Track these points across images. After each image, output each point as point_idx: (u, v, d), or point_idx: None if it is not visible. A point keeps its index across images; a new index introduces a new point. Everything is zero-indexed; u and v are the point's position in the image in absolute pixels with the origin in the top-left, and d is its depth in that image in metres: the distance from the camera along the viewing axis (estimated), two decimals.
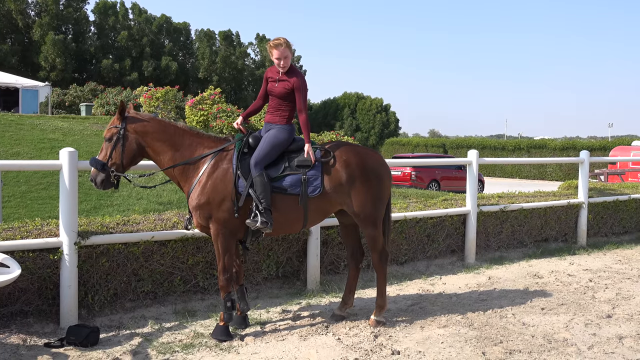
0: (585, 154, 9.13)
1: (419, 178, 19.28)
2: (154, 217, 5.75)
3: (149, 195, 10.73)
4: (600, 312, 5.49)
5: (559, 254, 8.30)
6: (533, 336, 4.78)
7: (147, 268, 5.27)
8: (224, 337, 4.58)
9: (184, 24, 59.06)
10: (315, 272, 6.16)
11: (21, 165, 5.09)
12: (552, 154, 34.79)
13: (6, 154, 12.94)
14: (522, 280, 6.71)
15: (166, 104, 19.94)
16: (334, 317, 5.15)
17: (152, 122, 4.65)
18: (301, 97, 4.74)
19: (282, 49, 4.68)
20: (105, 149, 4.58)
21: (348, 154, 4.84)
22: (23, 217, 7.74)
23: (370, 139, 55.74)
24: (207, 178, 4.57)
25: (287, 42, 4.73)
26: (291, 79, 4.75)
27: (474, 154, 7.64)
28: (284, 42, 4.71)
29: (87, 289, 5.00)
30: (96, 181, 4.53)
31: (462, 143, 40.84)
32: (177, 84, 37.37)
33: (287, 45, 4.71)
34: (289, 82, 4.75)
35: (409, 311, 5.45)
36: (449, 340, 4.66)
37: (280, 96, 4.78)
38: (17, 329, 4.61)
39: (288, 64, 4.77)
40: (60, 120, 18.72)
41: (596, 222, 9.37)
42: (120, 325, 4.87)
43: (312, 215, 4.78)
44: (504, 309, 5.54)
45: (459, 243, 7.69)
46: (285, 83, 4.76)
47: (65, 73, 48.75)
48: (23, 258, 4.61)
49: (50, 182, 11.21)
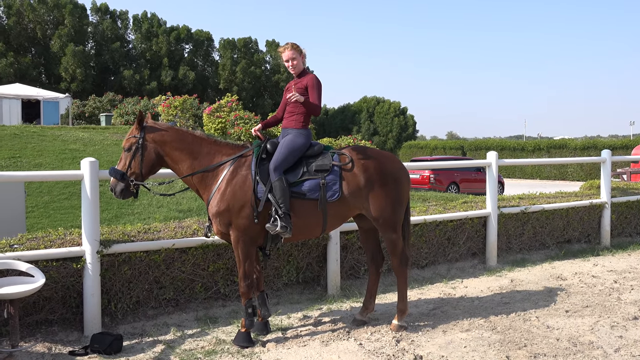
0: (607, 153, 9.00)
1: (438, 181, 19.17)
2: (174, 225, 5.79)
3: (169, 203, 10.83)
4: (627, 314, 5.40)
5: (583, 255, 8.18)
6: (558, 339, 4.71)
7: (168, 275, 5.31)
8: (246, 344, 4.59)
9: (206, 34, 59.54)
10: (336, 277, 6.15)
11: (43, 175, 5.16)
12: (572, 153, 34.33)
13: (29, 165, 13.16)
14: (545, 283, 6.63)
15: (184, 112, 20.12)
16: (355, 322, 5.13)
17: (170, 131, 4.69)
18: (315, 93, 4.78)
19: (289, 51, 4.84)
20: (124, 158, 4.62)
21: (366, 158, 4.83)
22: (46, 227, 7.87)
23: (388, 143, 55.63)
24: (226, 185, 4.59)
25: (294, 44, 4.88)
26: (304, 79, 4.84)
27: (493, 156, 7.57)
28: (291, 44, 4.88)
29: (109, 297, 5.05)
30: (116, 190, 4.56)
31: (481, 145, 40.52)
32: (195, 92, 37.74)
33: (293, 48, 4.86)
34: (302, 82, 4.82)
35: (430, 315, 5.41)
36: (472, 344, 4.62)
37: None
38: (42, 337, 4.68)
39: (298, 65, 4.88)
40: (80, 131, 18.99)
41: (620, 222, 9.23)
42: (143, 333, 4.91)
43: (331, 220, 4.78)
44: (528, 311, 5.48)
45: (480, 246, 7.62)
46: (299, 84, 4.83)
47: (86, 84, 49.53)
48: (47, 267, 4.68)
49: (72, 192, 11.37)
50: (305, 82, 4.82)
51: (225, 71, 57.73)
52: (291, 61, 4.85)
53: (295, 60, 4.85)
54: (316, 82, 4.80)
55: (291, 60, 4.85)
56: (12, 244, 4.80)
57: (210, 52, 60.29)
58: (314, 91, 4.77)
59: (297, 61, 4.86)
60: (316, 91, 4.78)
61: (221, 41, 59.36)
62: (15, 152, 14.13)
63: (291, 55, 4.84)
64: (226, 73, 57.66)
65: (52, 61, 50.24)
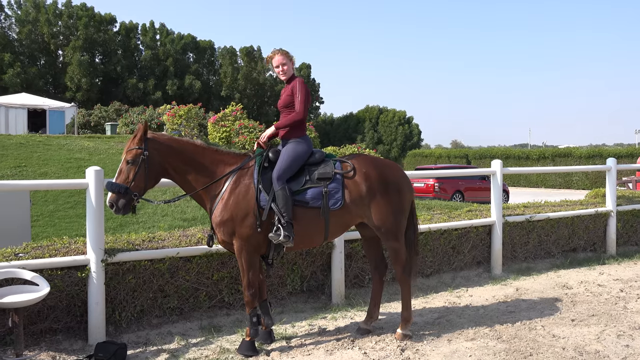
0: (612, 162, 8.97)
1: (443, 189, 19.13)
2: (178, 234, 5.80)
3: (174, 212, 10.84)
4: (633, 322, 5.36)
5: (588, 263, 8.14)
6: (564, 348, 4.68)
7: (172, 284, 5.31)
8: (250, 353, 4.57)
9: (208, 42, 59.91)
10: (340, 285, 6.13)
11: (49, 184, 5.18)
12: (577, 162, 34.20)
13: (35, 173, 13.22)
14: (551, 291, 6.59)
15: (189, 121, 20.18)
16: (359, 330, 5.11)
17: (172, 142, 4.62)
18: (298, 97, 4.76)
19: (279, 56, 4.87)
20: (126, 171, 4.41)
21: (368, 167, 4.83)
22: (51, 236, 7.89)
23: (392, 152, 55.61)
24: (229, 194, 4.58)
25: (283, 50, 4.90)
26: (291, 84, 4.85)
27: (498, 164, 7.56)
28: (280, 50, 4.89)
29: (114, 305, 5.05)
30: (118, 206, 4.32)
31: (485, 153, 40.44)
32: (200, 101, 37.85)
33: (283, 53, 4.88)
34: (289, 87, 4.84)
35: (435, 324, 5.39)
36: (477, 353, 4.59)
37: (286, 104, 4.83)
38: (47, 346, 4.68)
39: (288, 71, 4.89)
40: (86, 140, 19.08)
41: (625, 230, 9.18)
42: (147, 342, 4.91)
43: (333, 228, 4.77)
44: (533, 320, 5.45)
45: (485, 254, 7.59)
46: (287, 90, 4.85)
47: (91, 93, 49.81)
48: (52, 276, 4.69)
49: (77, 200, 11.41)
50: (291, 85, 4.84)
51: (227, 78, 57.95)
52: (281, 67, 4.86)
53: (285, 65, 4.86)
54: (300, 86, 4.79)
55: (281, 65, 4.86)
56: (17, 253, 4.81)
57: (214, 61, 60.58)
58: (297, 96, 4.77)
59: (287, 67, 4.87)
60: (299, 95, 4.76)
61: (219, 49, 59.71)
62: (21, 161, 14.21)
63: (282, 61, 4.85)
64: (228, 80, 57.88)
65: (59, 71, 50.62)
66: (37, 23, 49.96)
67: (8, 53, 47.07)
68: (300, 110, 4.73)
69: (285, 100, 4.84)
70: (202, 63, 59.42)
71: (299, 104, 4.75)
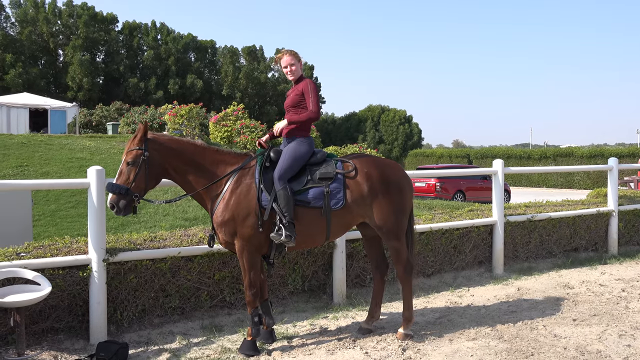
0: (613, 161, 8.96)
1: (444, 189, 19.13)
2: (180, 233, 5.80)
3: (175, 211, 10.85)
4: (635, 322, 5.36)
5: (590, 263, 8.13)
6: (565, 348, 4.68)
7: (174, 284, 5.32)
8: (252, 352, 4.57)
9: (210, 42, 59.93)
10: (342, 285, 6.13)
11: (50, 184, 5.18)
12: (579, 162, 34.19)
13: (36, 173, 13.24)
14: (552, 291, 6.59)
15: (190, 121, 20.19)
16: (361, 330, 5.11)
17: (172, 143, 4.61)
18: (310, 97, 4.77)
19: (288, 56, 4.88)
20: (127, 172, 4.39)
21: (369, 167, 4.83)
22: (53, 235, 7.90)
23: (393, 151, 55.64)
24: (230, 194, 4.58)
25: (292, 51, 4.91)
26: (300, 85, 4.84)
27: (499, 164, 7.56)
28: (289, 51, 4.90)
29: (115, 305, 5.06)
30: (119, 207, 4.30)
31: (487, 153, 40.43)
32: (202, 101, 37.88)
33: (292, 54, 4.89)
34: (298, 87, 4.83)
35: (437, 324, 5.39)
36: (479, 353, 4.59)
37: (294, 104, 4.83)
38: (49, 345, 4.68)
39: (297, 71, 4.90)
40: (87, 140, 19.10)
41: (627, 230, 9.17)
42: (148, 341, 4.91)
43: (334, 228, 4.77)
44: (535, 320, 5.44)
45: (486, 254, 7.59)
46: (295, 90, 4.85)
47: (92, 93, 49.86)
48: (53, 275, 4.70)
49: (78, 200, 11.42)
50: (301, 87, 4.83)
51: (228, 77, 57.96)
52: (290, 67, 4.87)
53: (294, 66, 4.87)
54: (311, 86, 4.80)
55: (290, 66, 4.87)
56: (19, 252, 4.82)
57: (216, 60, 60.62)
58: (309, 96, 4.77)
59: (295, 67, 4.88)
60: (312, 95, 4.77)
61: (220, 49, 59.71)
62: (23, 161, 14.23)
63: (290, 61, 4.87)
64: (229, 79, 57.89)
65: (60, 71, 50.67)
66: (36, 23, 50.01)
67: (10, 53, 47.13)
68: (315, 110, 4.75)
69: (293, 100, 4.83)
70: (204, 62, 59.46)
71: (313, 104, 4.75)
